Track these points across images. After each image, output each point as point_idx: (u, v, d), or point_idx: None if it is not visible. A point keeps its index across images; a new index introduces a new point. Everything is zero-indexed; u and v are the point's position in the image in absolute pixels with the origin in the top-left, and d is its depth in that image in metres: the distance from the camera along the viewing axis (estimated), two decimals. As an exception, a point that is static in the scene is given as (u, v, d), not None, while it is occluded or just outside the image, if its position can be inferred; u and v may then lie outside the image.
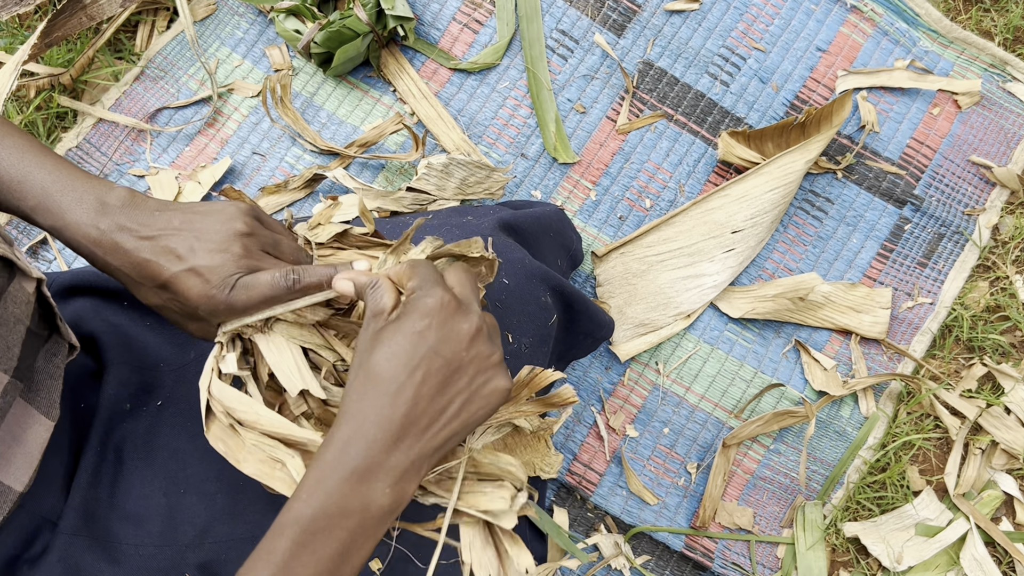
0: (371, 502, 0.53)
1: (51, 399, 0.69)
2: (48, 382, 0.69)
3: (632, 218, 1.35)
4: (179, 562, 0.74)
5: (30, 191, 0.62)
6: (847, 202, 1.37)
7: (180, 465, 0.77)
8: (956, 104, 1.41)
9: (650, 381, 1.32)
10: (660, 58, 1.39)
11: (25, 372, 0.65)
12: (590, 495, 1.28)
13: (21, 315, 0.62)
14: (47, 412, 0.69)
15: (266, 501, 0.81)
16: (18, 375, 0.63)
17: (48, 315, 0.69)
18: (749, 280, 1.35)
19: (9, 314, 0.61)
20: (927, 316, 1.36)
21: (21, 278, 0.63)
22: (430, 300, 0.57)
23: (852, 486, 1.30)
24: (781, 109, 1.39)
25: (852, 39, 1.41)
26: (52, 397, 0.69)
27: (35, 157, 0.64)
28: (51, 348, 0.70)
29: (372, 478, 0.54)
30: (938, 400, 1.32)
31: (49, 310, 0.69)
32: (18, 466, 0.67)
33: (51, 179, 0.63)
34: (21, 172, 0.62)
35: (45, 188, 0.62)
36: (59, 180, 0.63)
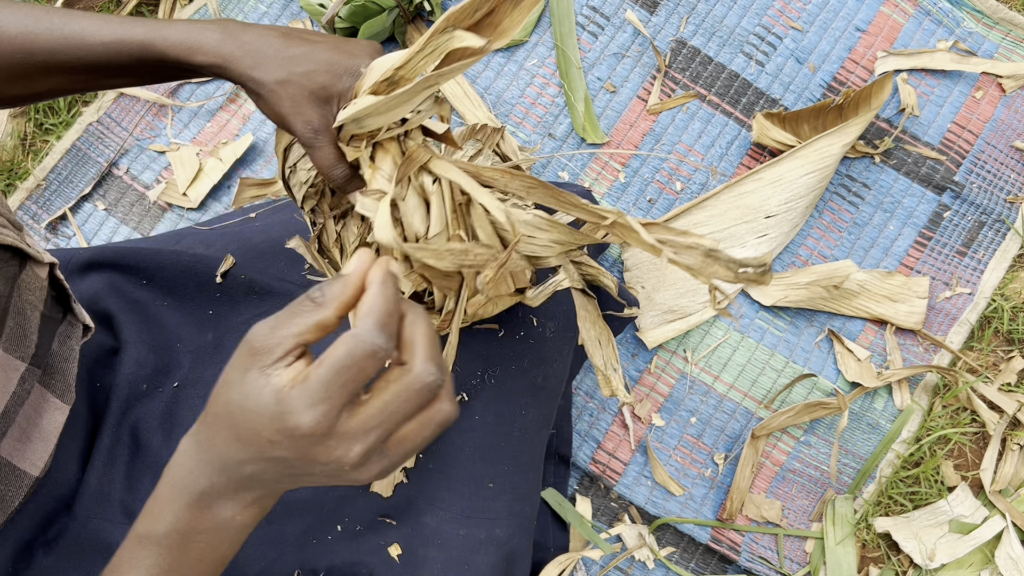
0: (221, 520, 0.51)
1: (66, 382, 0.67)
2: (63, 365, 0.68)
3: (662, 201, 1.32)
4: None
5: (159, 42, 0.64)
6: (885, 188, 1.33)
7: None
8: (1000, 87, 1.36)
9: (678, 369, 1.28)
10: (694, 36, 1.35)
11: (42, 357, 0.63)
12: (614, 484, 1.25)
13: (36, 301, 0.61)
14: (62, 395, 0.67)
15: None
16: (35, 361, 0.62)
17: (62, 297, 0.68)
18: (782, 267, 1.31)
19: (24, 302, 0.60)
20: (965, 307, 1.32)
21: (33, 264, 0.61)
22: (291, 420, 0.44)
23: (884, 480, 1.27)
24: (818, 91, 1.34)
25: (893, 19, 1.36)
26: (67, 380, 0.68)
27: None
28: (65, 330, 0.68)
29: (218, 506, 0.50)
30: (975, 393, 1.28)
31: (63, 292, 0.67)
32: (34, 451, 0.65)
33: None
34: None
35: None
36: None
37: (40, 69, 0.65)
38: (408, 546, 0.83)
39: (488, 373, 0.84)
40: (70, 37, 0.64)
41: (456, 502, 0.84)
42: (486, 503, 0.85)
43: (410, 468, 0.84)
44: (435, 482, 0.85)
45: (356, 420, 0.45)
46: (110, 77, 0.67)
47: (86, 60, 0.64)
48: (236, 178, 1.29)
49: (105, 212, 1.29)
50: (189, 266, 0.85)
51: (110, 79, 0.67)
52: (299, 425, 0.43)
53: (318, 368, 0.44)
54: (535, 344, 0.85)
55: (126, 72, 0.66)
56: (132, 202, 1.29)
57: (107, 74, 0.66)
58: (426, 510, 0.84)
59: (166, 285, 0.85)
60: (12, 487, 0.63)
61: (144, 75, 0.67)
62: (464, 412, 0.85)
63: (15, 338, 0.59)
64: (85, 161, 1.30)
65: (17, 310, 0.59)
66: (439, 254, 0.61)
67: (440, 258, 0.62)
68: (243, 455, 0.46)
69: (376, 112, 0.61)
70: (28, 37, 0.64)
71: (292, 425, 0.44)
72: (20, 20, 0.64)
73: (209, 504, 0.50)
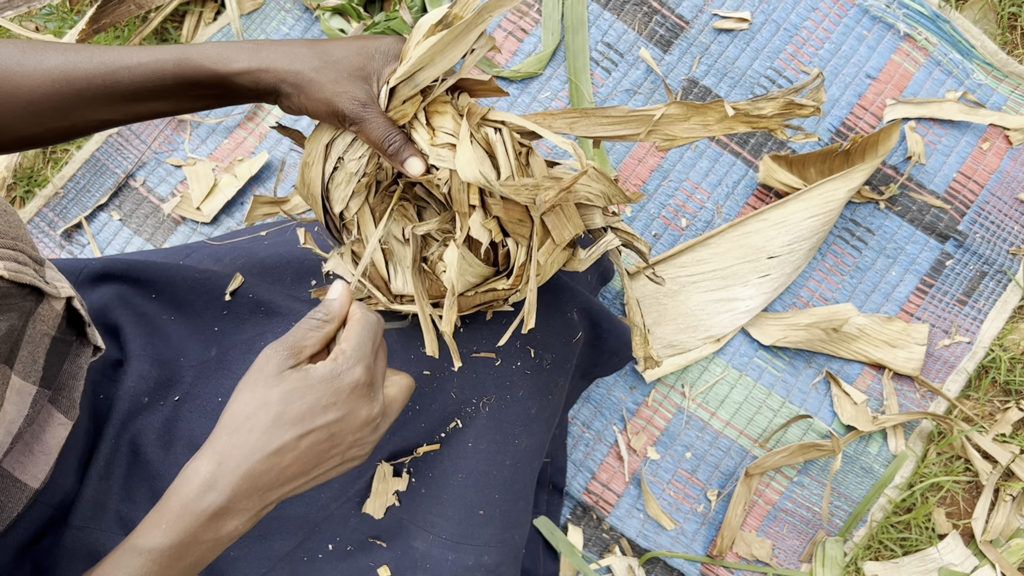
0: (223, 534, 0.56)
1: (72, 399, 0.70)
2: (70, 383, 0.70)
3: (667, 236, 1.33)
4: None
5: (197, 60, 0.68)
6: (888, 234, 1.34)
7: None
8: (1007, 140, 1.37)
9: (675, 404, 1.29)
10: (705, 76, 1.37)
11: (51, 379, 0.65)
12: (607, 516, 1.26)
13: (48, 329, 0.64)
14: (67, 412, 0.69)
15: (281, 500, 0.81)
16: (45, 383, 0.64)
17: (76, 320, 0.70)
18: (783, 307, 1.32)
19: (36, 331, 0.63)
20: (964, 355, 1.33)
21: (50, 299, 0.64)
22: (348, 378, 0.58)
23: (876, 525, 1.27)
24: (826, 135, 1.36)
25: (903, 67, 1.38)
26: (73, 397, 0.70)
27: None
28: (76, 350, 0.70)
29: (227, 518, 0.56)
30: (970, 442, 1.29)
31: (77, 316, 0.69)
32: (36, 464, 0.67)
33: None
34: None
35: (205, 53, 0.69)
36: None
37: (79, 97, 0.67)
38: (397, 569, 0.84)
39: (483, 401, 0.85)
40: (108, 63, 0.67)
41: (446, 527, 0.85)
42: (476, 530, 0.86)
43: (402, 491, 0.86)
44: (426, 507, 0.86)
45: (387, 391, 0.61)
46: (150, 101, 0.69)
47: (123, 84, 0.67)
48: (250, 195, 1.32)
49: (120, 222, 1.31)
50: (198, 282, 0.86)
51: (150, 103, 0.70)
52: (356, 379, 0.57)
53: (347, 343, 0.59)
54: (531, 375, 0.86)
55: (165, 94, 0.69)
56: (147, 214, 1.32)
57: (146, 97, 0.69)
58: (416, 534, 0.85)
59: (174, 300, 0.87)
60: (12, 498, 0.64)
61: (183, 96, 0.69)
62: (458, 439, 0.86)
63: (28, 363, 0.62)
64: (103, 171, 1.33)
65: (29, 339, 0.61)
66: (517, 189, 0.68)
67: (518, 193, 0.68)
68: (287, 434, 0.56)
69: (431, 61, 0.66)
70: (67, 67, 0.66)
71: (349, 381, 0.57)
72: (59, 54, 0.67)
73: (219, 519, 0.55)
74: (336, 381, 0.57)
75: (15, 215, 0.62)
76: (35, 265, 0.62)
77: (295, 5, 1.37)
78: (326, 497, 0.82)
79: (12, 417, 0.61)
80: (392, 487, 0.86)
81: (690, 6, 1.38)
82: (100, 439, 0.76)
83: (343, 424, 0.57)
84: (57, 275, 0.66)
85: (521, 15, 1.37)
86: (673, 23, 1.38)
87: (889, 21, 1.38)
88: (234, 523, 0.56)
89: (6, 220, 0.60)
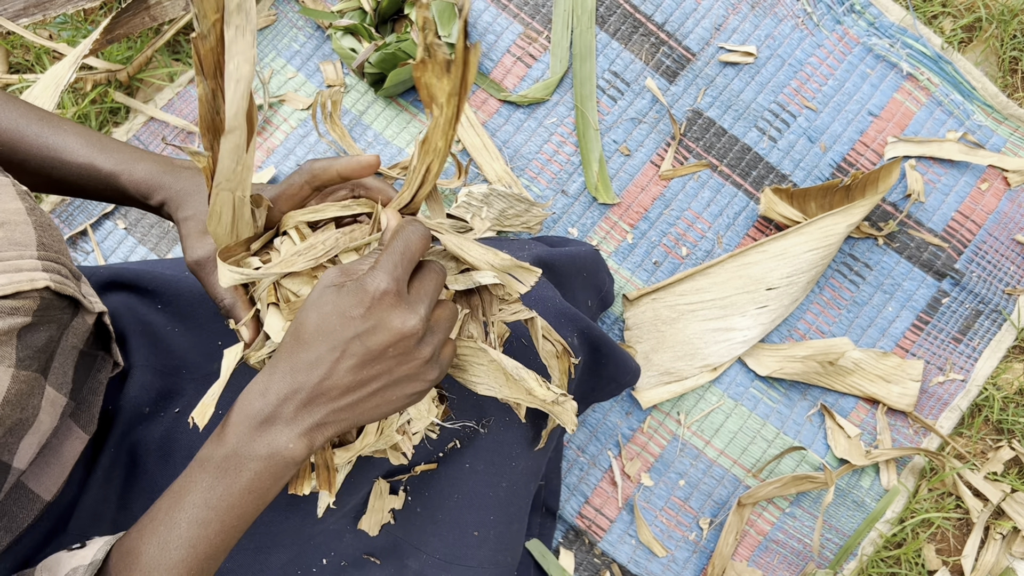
0: (277, 450, 0.57)
1: (91, 414, 0.71)
2: (90, 397, 0.71)
3: (667, 264, 1.35)
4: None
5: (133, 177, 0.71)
6: (886, 269, 1.36)
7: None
8: (1005, 181, 1.39)
9: (670, 431, 1.30)
10: (710, 108, 1.39)
11: (77, 391, 0.66)
12: (599, 541, 1.27)
13: (78, 343, 0.65)
14: (85, 426, 0.70)
15: (278, 512, 0.81)
16: (73, 395, 0.65)
17: (102, 336, 0.71)
18: (780, 339, 1.33)
19: (69, 344, 0.64)
20: (957, 393, 1.34)
21: (84, 312, 0.65)
22: (371, 286, 0.56)
23: (866, 559, 1.28)
24: (827, 170, 1.38)
25: (905, 106, 1.40)
26: (92, 412, 0.71)
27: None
28: (98, 365, 0.71)
29: (278, 429, 0.57)
30: (962, 480, 1.30)
31: (104, 332, 0.71)
32: (50, 476, 0.68)
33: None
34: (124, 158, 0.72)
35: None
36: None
37: (18, 166, 0.72)
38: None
39: (482, 423, 0.86)
40: (51, 149, 0.71)
41: (440, 547, 0.86)
42: (469, 550, 0.86)
43: (398, 509, 0.86)
44: (421, 526, 0.86)
45: (413, 288, 0.58)
46: (78, 193, 0.74)
47: (59, 174, 0.72)
48: (255, 208, 1.33)
49: (125, 231, 1.32)
50: (203, 295, 0.87)
51: (78, 194, 0.74)
52: (378, 285, 0.55)
53: (383, 251, 0.58)
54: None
55: (93, 194, 0.73)
56: (152, 223, 1.33)
57: (75, 190, 0.74)
58: (410, 553, 0.86)
59: (180, 311, 0.87)
60: (24, 509, 0.65)
61: (109, 198, 0.74)
62: (456, 459, 0.87)
63: (59, 375, 0.63)
64: (111, 180, 1.34)
65: (62, 351, 0.62)
66: None
67: None
68: (323, 347, 0.56)
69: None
70: (15, 136, 0.71)
71: (372, 289, 0.55)
72: (13, 118, 0.71)
73: (270, 427, 0.57)
74: (361, 291, 0.56)
75: (57, 230, 0.64)
76: (73, 279, 0.64)
77: (307, 23, 1.39)
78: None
79: (45, 428, 0.63)
80: (388, 504, 0.86)
81: (697, 38, 1.40)
82: (102, 448, 0.76)
83: (376, 336, 0.56)
84: (89, 290, 0.67)
85: (530, 41, 1.39)
86: (680, 54, 1.40)
87: (892, 60, 1.40)
88: (284, 436, 0.56)
89: (50, 235, 0.62)
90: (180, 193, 0.71)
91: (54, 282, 0.59)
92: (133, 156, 0.72)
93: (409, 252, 0.58)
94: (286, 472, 0.58)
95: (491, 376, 0.71)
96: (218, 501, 0.57)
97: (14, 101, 0.72)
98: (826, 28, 1.41)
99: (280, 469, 0.57)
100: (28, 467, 0.65)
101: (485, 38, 1.39)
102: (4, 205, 0.58)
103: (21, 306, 0.56)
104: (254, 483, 0.57)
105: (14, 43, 1.39)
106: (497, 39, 1.39)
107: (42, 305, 0.58)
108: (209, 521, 0.57)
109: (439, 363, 0.61)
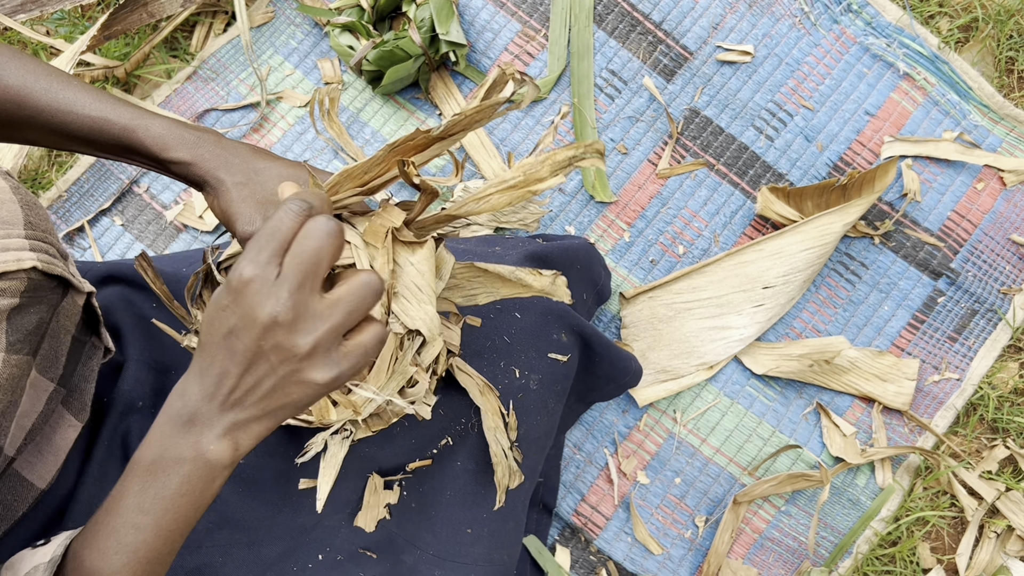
0: (201, 452, 0.54)
1: (83, 401, 0.70)
2: (82, 385, 0.71)
3: (663, 263, 1.35)
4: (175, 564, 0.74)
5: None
6: (882, 269, 1.36)
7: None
8: (1001, 181, 1.39)
9: (666, 429, 1.30)
10: (707, 107, 1.39)
11: (67, 377, 0.66)
12: (595, 538, 1.27)
13: (69, 325, 0.64)
14: (77, 414, 0.70)
15: (268, 506, 0.82)
16: (62, 382, 0.65)
17: (92, 321, 0.71)
18: (776, 337, 1.33)
19: (60, 326, 0.63)
20: (953, 392, 1.34)
21: (73, 292, 0.65)
22: (235, 273, 0.51)
23: (861, 557, 1.28)
24: (824, 169, 1.38)
25: (902, 106, 1.40)
26: (84, 400, 0.71)
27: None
28: (89, 352, 0.71)
29: (199, 428, 0.54)
30: (956, 478, 1.30)
31: (93, 316, 0.70)
32: (44, 465, 0.68)
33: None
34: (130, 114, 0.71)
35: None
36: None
37: (25, 122, 0.70)
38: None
39: (472, 422, 0.86)
40: (62, 103, 0.69)
41: (433, 543, 0.86)
42: (463, 548, 0.86)
43: (394, 504, 0.86)
44: (415, 522, 0.87)
45: (317, 303, 0.52)
46: (87, 148, 0.72)
47: (69, 128, 0.70)
48: (252, 205, 1.33)
49: (122, 228, 1.32)
50: None
51: (87, 148, 0.72)
52: (240, 274, 0.50)
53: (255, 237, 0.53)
54: (520, 396, 0.87)
55: (103, 149, 0.72)
56: (149, 220, 1.33)
57: (85, 145, 0.72)
58: (405, 548, 0.86)
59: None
60: (18, 498, 0.65)
61: (119, 155, 0.72)
62: (449, 457, 0.87)
63: (47, 359, 0.62)
64: (107, 177, 1.34)
65: (52, 333, 0.62)
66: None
67: None
68: (213, 346, 0.53)
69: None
70: (23, 91, 0.69)
71: (235, 278, 0.51)
72: (21, 74, 0.69)
73: (191, 428, 0.54)
74: (229, 282, 0.51)
75: (43, 209, 0.64)
76: (61, 259, 0.63)
77: (305, 20, 1.39)
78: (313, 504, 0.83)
79: (25, 410, 0.62)
80: (383, 500, 0.86)
81: (694, 37, 1.40)
82: (97, 441, 0.77)
83: (245, 330, 0.51)
84: (75, 270, 0.67)
85: (528, 39, 1.39)
86: (677, 53, 1.40)
87: (889, 60, 1.41)
88: (206, 437, 0.54)
89: (36, 214, 0.61)
90: (219, 156, 0.70)
91: (42, 262, 0.58)
92: (146, 113, 0.71)
93: (280, 233, 0.51)
94: (216, 475, 0.55)
95: (488, 285, 0.77)
96: (151, 505, 0.54)
97: (20, 57, 0.70)
98: (823, 27, 1.42)
99: (208, 471, 0.55)
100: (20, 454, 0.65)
101: (483, 36, 1.39)
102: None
103: (8, 287, 0.56)
104: (184, 486, 0.55)
105: (11, 39, 1.38)
106: (495, 37, 1.39)
107: (30, 286, 0.58)
108: (145, 526, 0.55)
109: (334, 358, 0.53)
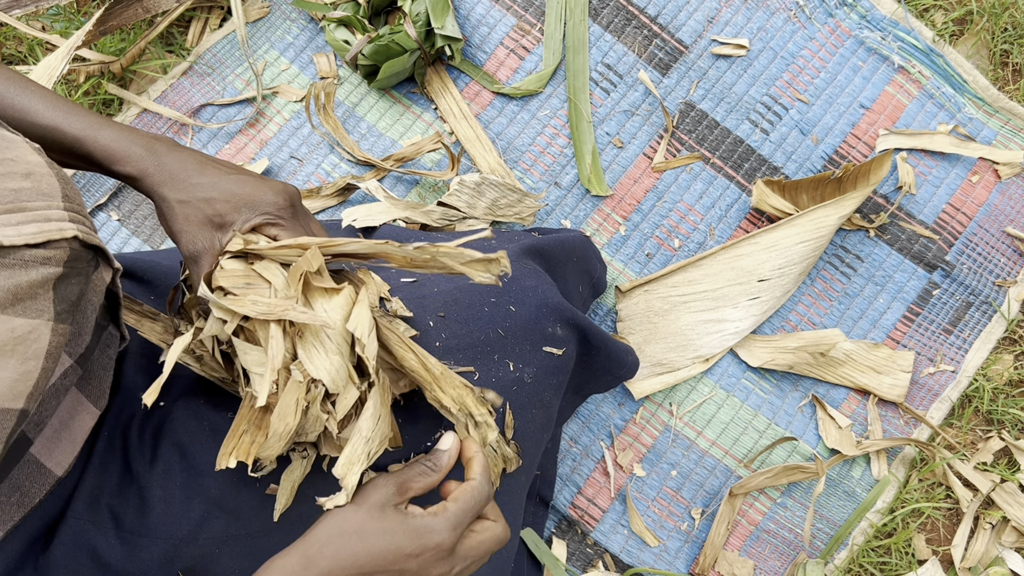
0: None
1: (102, 388, 0.71)
2: (100, 372, 0.71)
3: (659, 256, 1.35)
4: (172, 556, 0.75)
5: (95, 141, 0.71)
6: (877, 261, 1.36)
7: (182, 461, 0.78)
8: (996, 174, 1.40)
9: (662, 422, 1.31)
10: (702, 100, 1.39)
11: (86, 358, 0.66)
12: (591, 531, 1.28)
13: (96, 302, 0.65)
14: (96, 401, 0.70)
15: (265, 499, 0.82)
16: (80, 361, 0.65)
17: (112, 306, 0.71)
18: (771, 330, 1.34)
19: (88, 301, 0.64)
20: (948, 384, 1.35)
21: (103, 267, 0.65)
22: (436, 539, 0.62)
23: (856, 548, 1.29)
24: (819, 162, 1.38)
25: (897, 99, 1.41)
26: (103, 387, 0.71)
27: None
28: (107, 339, 0.71)
29: None
30: (952, 470, 1.31)
31: (114, 301, 0.70)
32: (61, 451, 0.68)
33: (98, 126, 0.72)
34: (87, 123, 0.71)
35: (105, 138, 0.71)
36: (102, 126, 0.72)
37: None
38: None
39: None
40: (17, 109, 0.71)
41: None
42: None
43: None
44: None
45: (466, 543, 0.65)
46: (48, 156, 0.73)
47: (25, 136, 0.70)
48: (248, 200, 1.33)
49: (118, 223, 1.32)
50: None
51: (49, 156, 0.74)
52: (442, 542, 0.62)
53: (455, 504, 0.64)
54: (515, 389, 0.87)
55: (61, 156, 0.73)
56: (145, 215, 1.33)
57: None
58: None
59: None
60: (36, 484, 0.65)
61: (76, 164, 0.73)
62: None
63: (74, 334, 0.63)
64: (104, 172, 1.34)
65: (81, 308, 0.62)
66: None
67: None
68: (365, 568, 0.61)
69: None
70: None
71: (436, 542, 0.62)
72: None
73: None
74: (426, 537, 0.62)
75: (75, 184, 0.65)
76: (92, 230, 0.64)
77: (300, 15, 1.39)
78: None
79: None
80: None
81: (690, 31, 1.41)
82: (98, 432, 0.77)
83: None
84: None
85: (523, 34, 1.39)
86: (672, 47, 1.40)
87: (884, 53, 1.41)
88: None
89: (71, 188, 0.62)
90: (165, 171, 0.71)
91: (81, 232, 0.59)
92: (99, 122, 0.72)
93: (476, 511, 0.65)
94: None
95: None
96: None
97: None
98: (818, 21, 1.42)
99: None
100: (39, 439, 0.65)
101: (479, 30, 1.39)
102: (27, 157, 0.58)
103: (53, 256, 0.56)
104: None
105: (7, 34, 1.38)
106: (490, 31, 1.39)
107: (71, 256, 0.58)
108: None
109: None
